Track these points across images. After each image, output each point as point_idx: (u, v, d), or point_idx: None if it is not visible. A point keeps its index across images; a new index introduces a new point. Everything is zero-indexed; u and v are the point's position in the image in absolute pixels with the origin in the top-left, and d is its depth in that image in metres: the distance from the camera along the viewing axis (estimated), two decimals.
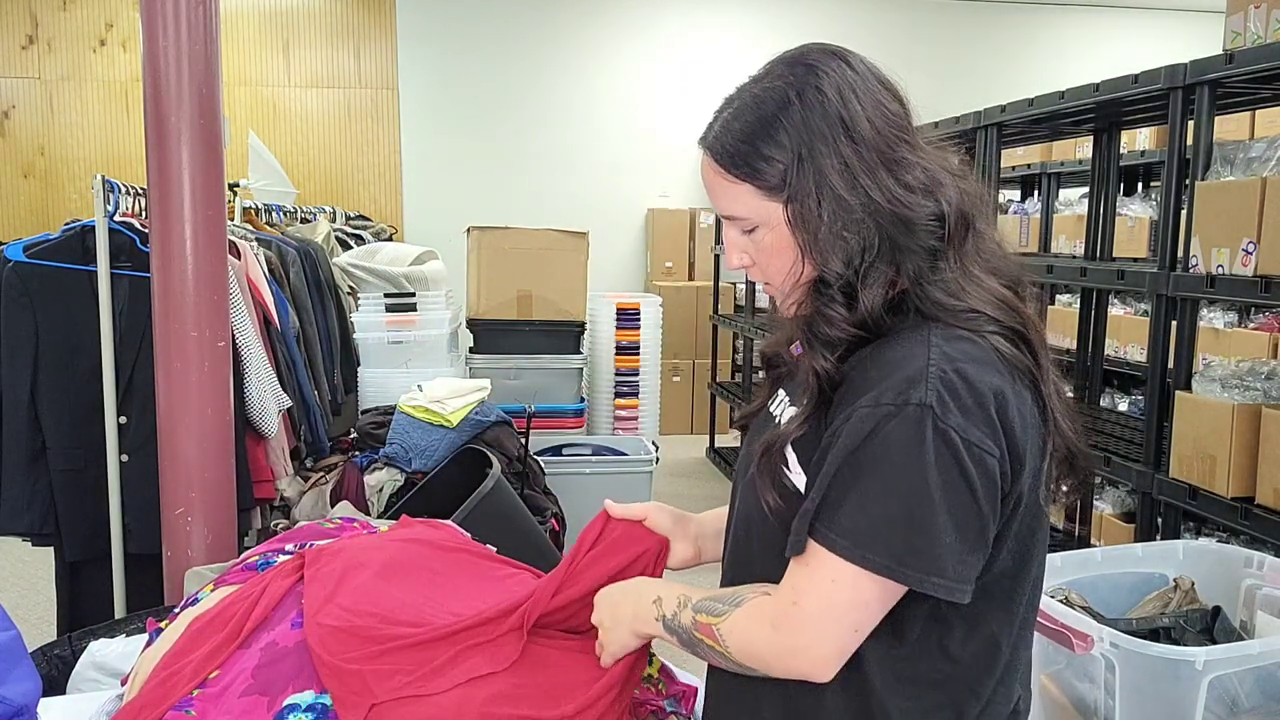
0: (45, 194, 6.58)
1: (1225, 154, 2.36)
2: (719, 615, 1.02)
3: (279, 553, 1.49)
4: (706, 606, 1.04)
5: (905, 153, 0.99)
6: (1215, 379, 2.34)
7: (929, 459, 0.90)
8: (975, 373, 0.92)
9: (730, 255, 1.07)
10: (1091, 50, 7.44)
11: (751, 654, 1.00)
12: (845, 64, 1.01)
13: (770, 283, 1.06)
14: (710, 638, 1.03)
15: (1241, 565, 1.83)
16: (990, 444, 0.91)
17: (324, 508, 2.81)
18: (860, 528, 0.92)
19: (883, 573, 0.91)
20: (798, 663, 0.97)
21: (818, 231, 0.97)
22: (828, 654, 0.96)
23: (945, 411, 0.90)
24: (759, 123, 0.98)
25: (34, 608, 3.62)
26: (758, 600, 1.01)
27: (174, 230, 2.06)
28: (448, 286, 4.15)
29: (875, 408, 0.92)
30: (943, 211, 0.98)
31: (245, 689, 1.15)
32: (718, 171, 1.02)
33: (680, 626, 1.06)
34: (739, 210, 1.02)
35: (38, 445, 2.40)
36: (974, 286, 0.99)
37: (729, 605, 1.02)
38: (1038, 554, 1.03)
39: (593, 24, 7.08)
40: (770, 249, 1.02)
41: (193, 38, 2.02)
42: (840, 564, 0.93)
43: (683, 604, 1.07)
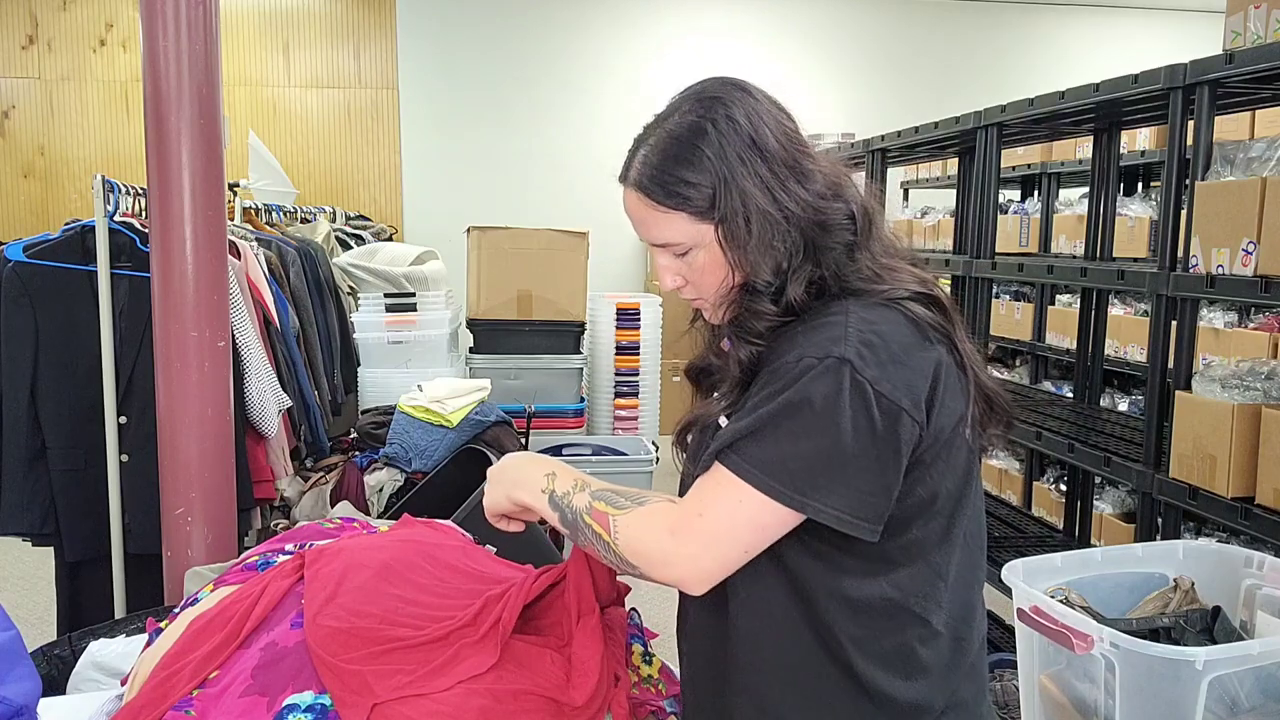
0: (45, 194, 6.59)
1: (1225, 154, 2.36)
2: (619, 509, 1.06)
3: (279, 553, 1.48)
4: (607, 497, 1.09)
5: (808, 164, 1.09)
6: (1215, 379, 2.33)
7: (844, 405, 0.99)
8: (890, 332, 1.02)
9: (664, 279, 1.14)
10: (1091, 50, 7.44)
11: (638, 551, 1.05)
12: (746, 93, 1.10)
13: (703, 298, 1.14)
14: (602, 525, 1.07)
15: (1241, 565, 1.83)
16: (901, 396, 1.00)
17: (324, 508, 2.82)
18: (771, 459, 1.00)
19: (785, 501, 1.00)
20: (681, 569, 1.03)
21: (747, 245, 1.06)
22: (712, 567, 1.03)
23: (863, 365, 0.99)
24: (680, 154, 1.06)
25: (34, 608, 3.62)
26: (661, 505, 1.07)
27: (174, 230, 2.06)
28: (448, 286, 4.15)
29: (799, 362, 1.01)
30: (852, 210, 1.09)
31: (245, 689, 1.15)
32: (648, 205, 1.09)
33: (569, 506, 1.10)
34: (673, 237, 1.09)
35: (38, 445, 2.40)
36: (888, 272, 1.09)
37: (631, 502, 1.07)
38: (973, 489, 1.11)
39: (593, 24, 7.08)
40: (703, 268, 1.10)
41: (193, 38, 2.02)
42: (748, 489, 1.01)
43: (579, 486, 1.11)
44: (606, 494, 1.10)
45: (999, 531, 3.31)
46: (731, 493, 1.02)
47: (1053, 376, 5.19)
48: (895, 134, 3.66)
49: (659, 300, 5.27)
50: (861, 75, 7.37)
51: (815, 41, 7.28)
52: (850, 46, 7.36)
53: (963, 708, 1.12)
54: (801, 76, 7.21)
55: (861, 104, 7.21)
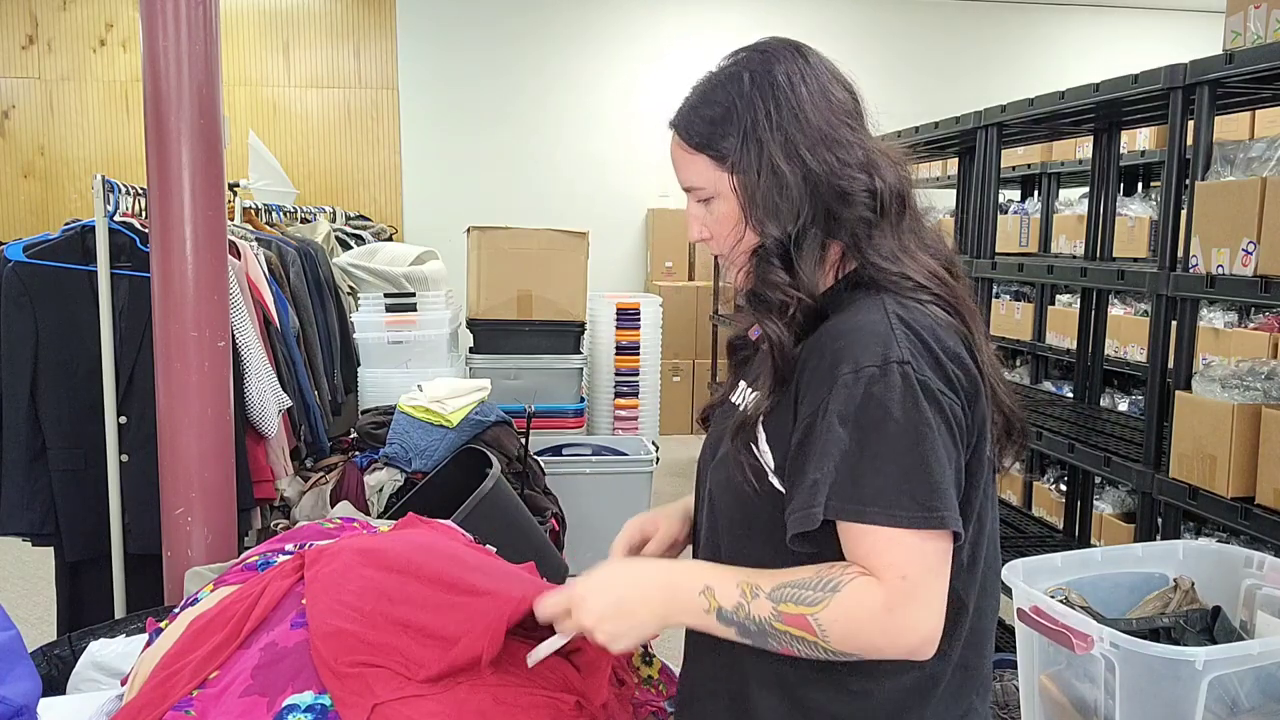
0: (45, 194, 6.59)
1: (1225, 154, 2.36)
2: (814, 604, 0.96)
3: (279, 553, 1.49)
4: (793, 595, 0.98)
5: (846, 135, 1.09)
6: (1215, 379, 2.33)
7: (924, 408, 0.96)
8: (931, 333, 1.00)
9: (691, 227, 1.15)
10: (1091, 50, 7.44)
11: (860, 643, 0.97)
12: (799, 54, 1.11)
13: (723, 253, 1.13)
14: (803, 629, 0.96)
15: (1241, 565, 1.83)
16: (953, 395, 0.99)
17: (324, 508, 2.81)
18: (895, 493, 0.95)
19: (941, 525, 0.95)
20: (911, 640, 0.96)
21: (755, 198, 1.06)
22: (937, 624, 0.97)
23: (920, 366, 0.97)
24: (712, 97, 1.09)
25: (34, 608, 3.62)
26: (858, 584, 0.96)
27: (174, 230, 2.06)
28: (448, 286, 4.15)
29: (858, 372, 0.97)
30: (877, 187, 1.07)
31: (245, 689, 1.15)
32: (680, 145, 1.11)
33: (749, 619, 0.99)
34: (696, 180, 1.10)
35: (38, 445, 2.40)
36: (907, 257, 1.06)
37: (825, 591, 0.96)
38: (991, 514, 1.09)
39: (593, 24, 7.08)
40: (721, 218, 1.10)
41: (193, 38, 2.02)
42: (901, 533, 0.95)
43: (749, 593, 0.99)
44: (790, 591, 0.98)
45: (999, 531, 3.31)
46: (914, 543, 0.95)
47: (1053, 376, 5.19)
48: (895, 134, 3.65)
49: (659, 300, 5.27)
50: (861, 75, 7.34)
51: (815, 42, 7.24)
52: (850, 46, 7.35)
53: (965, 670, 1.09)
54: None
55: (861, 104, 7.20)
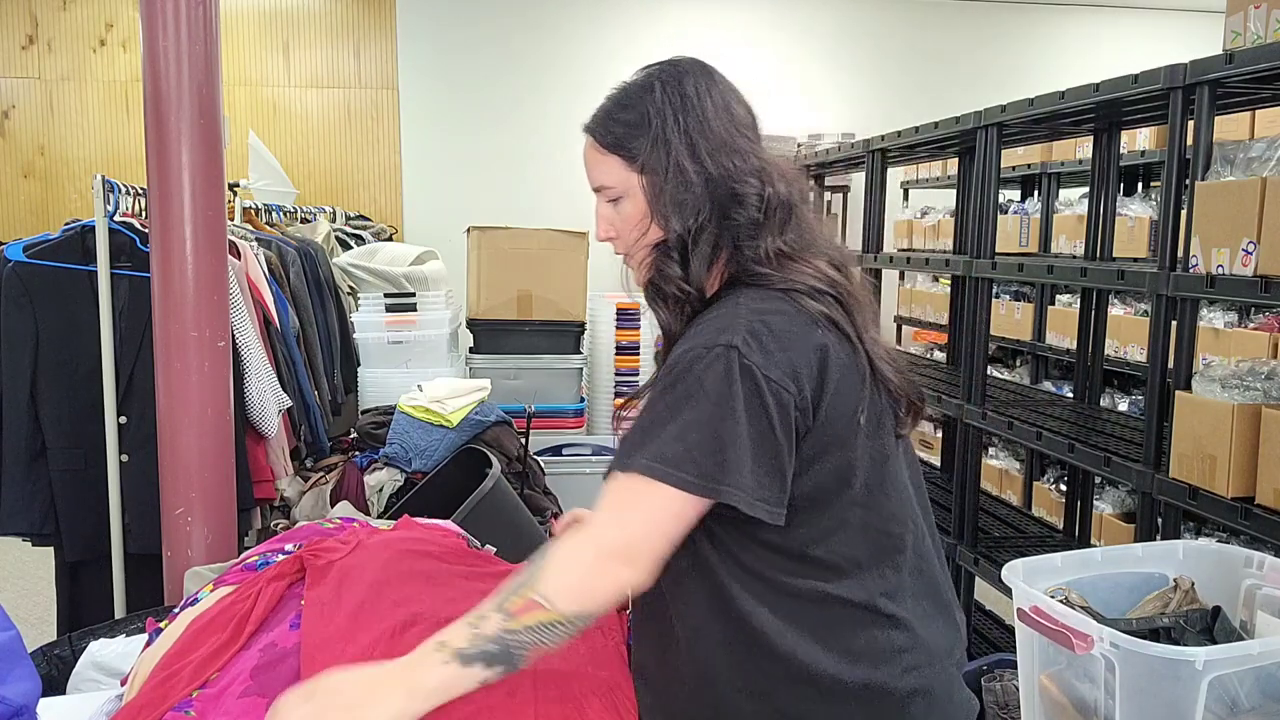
0: (45, 194, 6.58)
1: (1225, 154, 2.36)
2: (531, 585, 1.02)
3: (278, 552, 1.48)
4: (512, 590, 1.03)
5: (744, 145, 1.18)
6: (1215, 379, 2.33)
7: (736, 390, 1.04)
8: (778, 322, 1.08)
9: (598, 226, 1.24)
10: (1091, 50, 7.43)
11: (581, 592, 1.03)
12: (705, 71, 1.21)
13: (629, 253, 1.22)
14: (533, 609, 1.00)
15: (1241, 565, 1.83)
16: (789, 382, 1.06)
17: (324, 508, 2.81)
18: (678, 453, 1.04)
19: (696, 490, 1.04)
20: (628, 573, 1.04)
21: (662, 195, 1.15)
22: (651, 562, 1.06)
23: (749, 351, 1.05)
24: (626, 103, 1.19)
25: (34, 608, 3.62)
26: (563, 542, 1.06)
27: (174, 230, 2.06)
28: (448, 286, 4.15)
29: (688, 350, 1.07)
30: (766, 194, 1.16)
31: (245, 689, 1.15)
32: (594, 147, 1.22)
33: (488, 640, 1.00)
34: (607, 180, 1.20)
35: (38, 445, 2.40)
36: (786, 259, 1.15)
37: (532, 569, 1.04)
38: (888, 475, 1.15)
39: (593, 23, 7.08)
40: (629, 217, 1.20)
41: (193, 38, 2.02)
42: (660, 486, 1.04)
43: (476, 620, 1.02)
44: (506, 591, 1.03)
45: (999, 531, 3.31)
46: (646, 493, 1.04)
47: (1053, 376, 5.19)
48: (895, 134, 3.65)
49: None
50: (861, 75, 7.36)
51: (815, 41, 7.28)
52: (850, 46, 7.36)
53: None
54: (801, 76, 7.21)
55: (861, 104, 7.20)
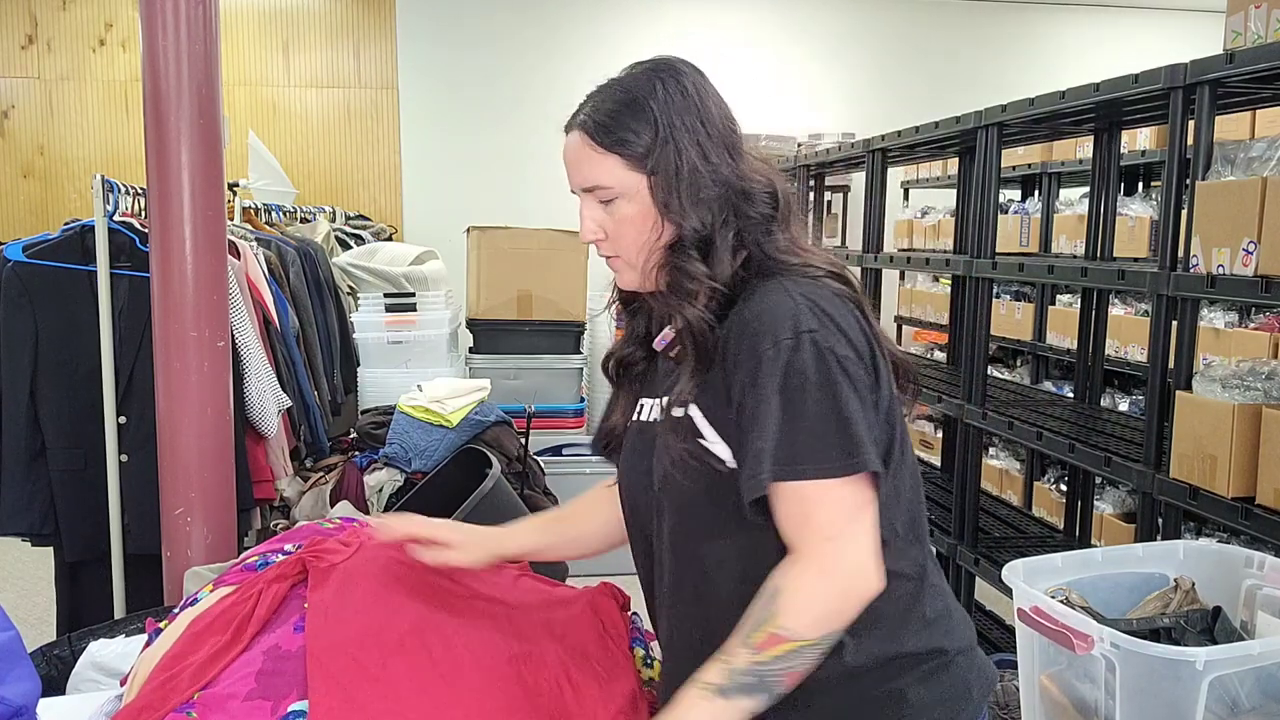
0: (45, 194, 6.58)
1: (1226, 154, 2.36)
2: (770, 618, 1.02)
3: (278, 552, 1.48)
4: (752, 627, 1.03)
5: (740, 144, 1.19)
6: (1216, 379, 2.33)
7: (831, 370, 1.06)
8: (825, 303, 1.10)
9: (585, 228, 1.19)
10: (1092, 50, 7.43)
11: (822, 615, 1.03)
12: (697, 71, 1.21)
13: (620, 254, 1.19)
14: (779, 643, 1.02)
15: (1242, 565, 1.83)
16: (857, 357, 1.09)
17: (324, 508, 2.81)
18: (823, 447, 1.04)
19: (863, 468, 1.05)
20: (860, 584, 1.05)
21: (679, 195, 1.13)
22: (873, 560, 1.06)
23: (823, 333, 1.07)
24: (628, 103, 1.16)
25: (34, 608, 3.62)
26: (785, 572, 1.04)
27: (173, 230, 2.06)
28: (447, 286, 4.15)
29: (776, 345, 1.06)
30: (776, 188, 1.18)
31: (249, 693, 1.14)
32: (588, 145, 1.16)
33: (742, 671, 1.02)
34: (604, 179, 1.16)
35: (37, 445, 2.40)
36: (800, 249, 1.17)
37: (768, 603, 1.03)
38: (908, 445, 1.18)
39: (592, 23, 7.08)
40: (627, 219, 1.16)
41: (192, 38, 2.02)
42: (830, 484, 1.04)
43: (727, 657, 1.04)
44: (746, 629, 1.04)
45: (999, 531, 3.31)
46: (825, 498, 1.04)
47: (1053, 376, 5.19)
48: (895, 134, 3.65)
49: None
50: (861, 75, 7.36)
51: (815, 41, 7.28)
52: (850, 46, 7.36)
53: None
54: (801, 76, 7.20)
55: (861, 104, 7.20)
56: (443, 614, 1.30)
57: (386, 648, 1.20)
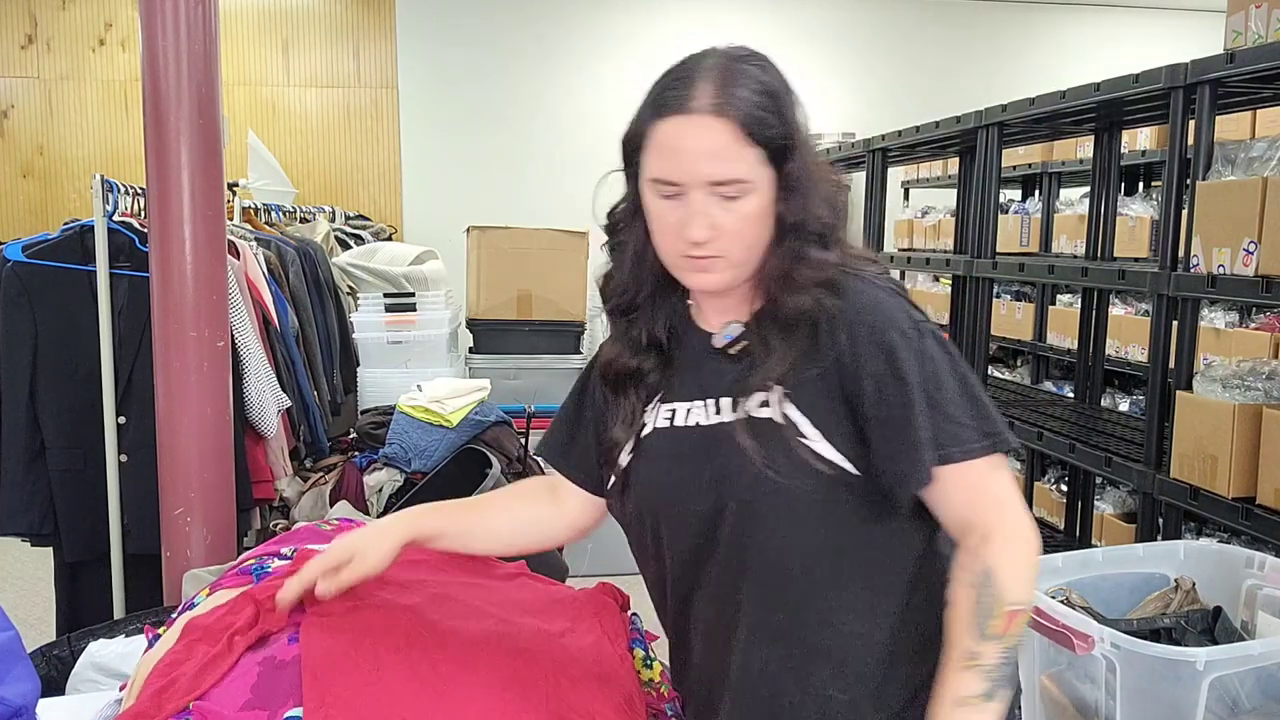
0: (44, 194, 6.58)
1: (1226, 154, 2.36)
2: (998, 600, 1.00)
3: (275, 556, 1.48)
4: (982, 617, 1.00)
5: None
6: (1216, 379, 2.33)
7: (956, 357, 1.09)
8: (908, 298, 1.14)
9: (697, 226, 1.07)
10: (1092, 49, 7.43)
11: (1032, 578, 1.06)
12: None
13: (726, 254, 1.09)
14: (1015, 618, 1.01)
15: (1242, 566, 1.83)
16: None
17: (323, 508, 2.81)
18: (974, 427, 1.06)
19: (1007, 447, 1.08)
20: (1039, 543, 1.07)
21: (807, 192, 1.09)
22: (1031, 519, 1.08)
23: (932, 324, 1.10)
24: (769, 94, 1.08)
25: (33, 608, 3.62)
26: (984, 552, 1.03)
27: (173, 230, 2.05)
28: (447, 286, 4.14)
29: (904, 335, 1.06)
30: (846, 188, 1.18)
31: (245, 704, 1.14)
32: (733, 134, 1.05)
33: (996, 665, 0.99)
34: (746, 173, 1.06)
35: (36, 445, 2.39)
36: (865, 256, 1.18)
37: (987, 587, 1.01)
38: None
39: (593, 23, 7.08)
40: (750, 216, 1.08)
41: (192, 37, 2.02)
42: (992, 459, 1.06)
43: (970, 661, 1.00)
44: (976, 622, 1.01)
45: None
46: (993, 473, 1.07)
47: (1054, 376, 5.19)
48: (895, 134, 3.65)
49: None
50: (862, 75, 7.36)
51: (815, 41, 7.28)
52: (850, 46, 7.36)
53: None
54: (801, 76, 7.09)
55: (861, 104, 7.20)
56: (438, 617, 1.29)
57: (382, 652, 1.20)
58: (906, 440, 1.04)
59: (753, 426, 1.08)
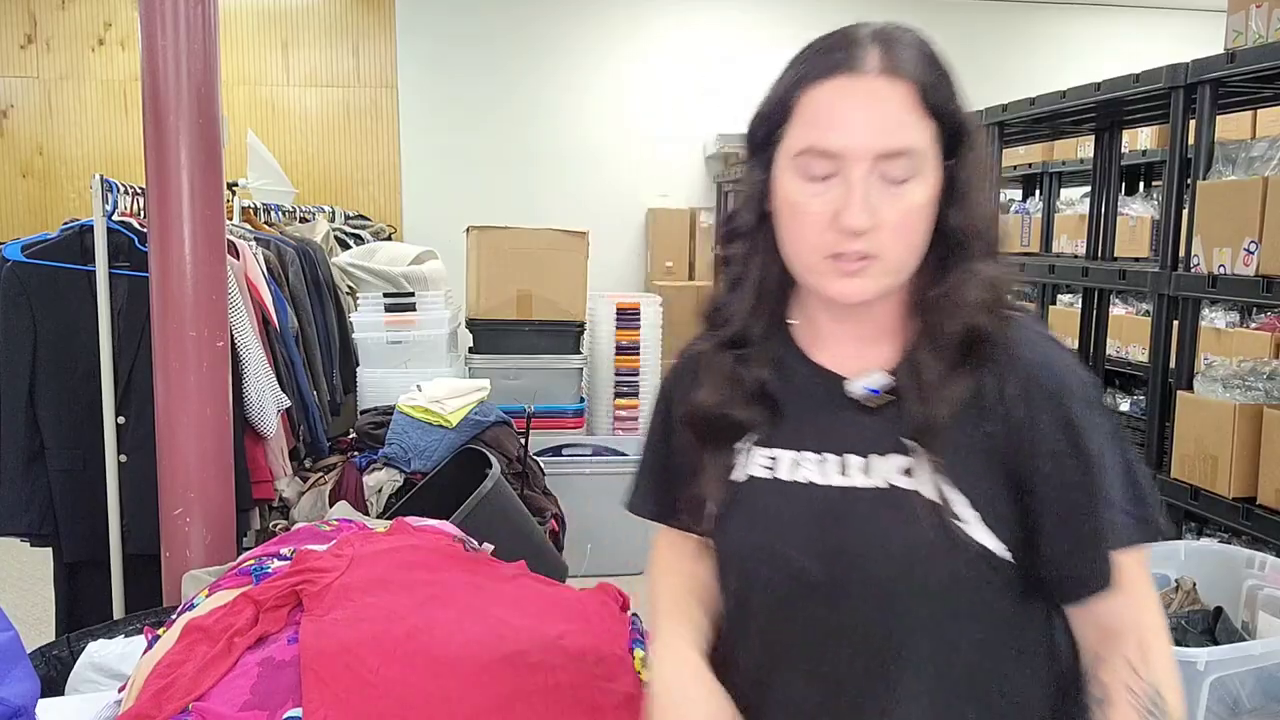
0: (43, 193, 6.58)
1: (1227, 153, 2.36)
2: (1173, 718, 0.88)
3: (274, 557, 1.48)
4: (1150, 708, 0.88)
5: None
6: (1217, 379, 2.33)
7: (1122, 430, 0.92)
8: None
9: (859, 210, 0.86)
10: (1093, 49, 7.43)
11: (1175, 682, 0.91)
12: None
13: (883, 255, 0.88)
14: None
15: (1243, 566, 1.83)
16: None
17: (323, 508, 2.81)
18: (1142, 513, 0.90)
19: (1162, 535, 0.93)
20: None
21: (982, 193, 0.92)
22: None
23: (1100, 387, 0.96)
24: (946, 73, 0.91)
25: (32, 608, 3.61)
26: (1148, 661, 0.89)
27: (172, 230, 2.05)
28: (447, 286, 4.14)
29: (1087, 407, 0.90)
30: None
31: (244, 704, 1.14)
32: (913, 102, 0.88)
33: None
34: (914, 142, 0.87)
35: (36, 446, 2.39)
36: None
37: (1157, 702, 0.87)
38: None
39: (592, 23, 7.07)
40: (917, 208, 0.88)
41: (191, 37, 2.02)
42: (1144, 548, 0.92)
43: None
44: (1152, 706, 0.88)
45: None
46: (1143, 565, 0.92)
47: None
48: None
49: (659, 300, 5.26)
50: None
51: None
52: None
53: None
54: None
55: None
56: (438, 618, 1.29)
57: (382, 653, 1.19)
58: (1089, 538, 0.88)
59: (895, 500, 0.90)
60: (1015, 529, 0.89)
